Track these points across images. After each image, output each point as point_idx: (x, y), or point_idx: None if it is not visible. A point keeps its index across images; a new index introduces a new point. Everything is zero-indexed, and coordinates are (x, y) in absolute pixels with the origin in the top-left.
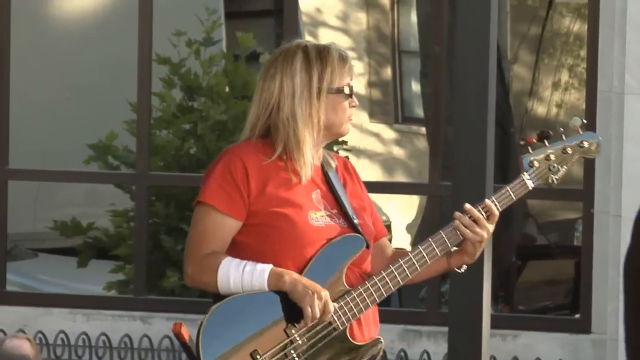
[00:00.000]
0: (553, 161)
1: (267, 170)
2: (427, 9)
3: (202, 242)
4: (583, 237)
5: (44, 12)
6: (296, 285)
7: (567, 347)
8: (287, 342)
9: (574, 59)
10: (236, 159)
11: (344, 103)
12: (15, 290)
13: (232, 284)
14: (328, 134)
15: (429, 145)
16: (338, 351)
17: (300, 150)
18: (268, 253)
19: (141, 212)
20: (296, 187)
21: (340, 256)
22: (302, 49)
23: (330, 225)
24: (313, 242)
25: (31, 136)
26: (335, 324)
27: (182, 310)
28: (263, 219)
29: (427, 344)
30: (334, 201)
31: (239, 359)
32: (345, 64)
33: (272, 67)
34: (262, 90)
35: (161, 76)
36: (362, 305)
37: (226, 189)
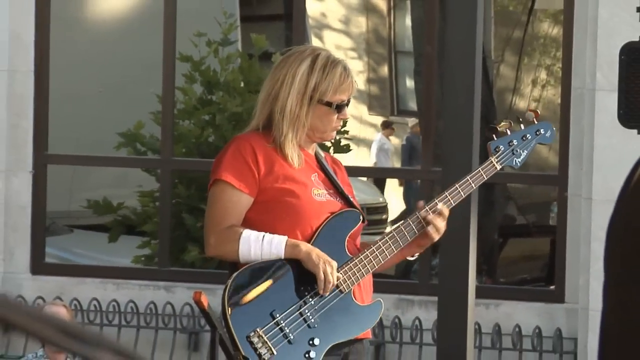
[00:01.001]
0: (515, 146)
1: (271, 154)
2: (420, 14)
3: (222, 217)
4: (558, 218)
5: (79, 16)
6: (310, 254)
7: (543, 315)
8: (301, 302)
9: (550, 59)
10: (245, 143)
11: (332, 116)
12: (53, 262)
13: (253, 253)
14: (312, 135)
15: (421, 136)
16: (344, 311)
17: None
18: (277, 227)
19: (165, 193)
20: (296, 169)
21: (342, 228)
22: (313, 56)
23: (331, 200)
24: (318, 215)
25: (67, 125)
26: (342, 287)
27: (201, 280)
28: (272, 195)
29: (418, 311)
30: (329, 183)
31: (260, 316)
32: (344, 81)
33: (284, 61)
34: (270, 78)
35: (184, 72)
36: (363, 271)
37: (239, 168)
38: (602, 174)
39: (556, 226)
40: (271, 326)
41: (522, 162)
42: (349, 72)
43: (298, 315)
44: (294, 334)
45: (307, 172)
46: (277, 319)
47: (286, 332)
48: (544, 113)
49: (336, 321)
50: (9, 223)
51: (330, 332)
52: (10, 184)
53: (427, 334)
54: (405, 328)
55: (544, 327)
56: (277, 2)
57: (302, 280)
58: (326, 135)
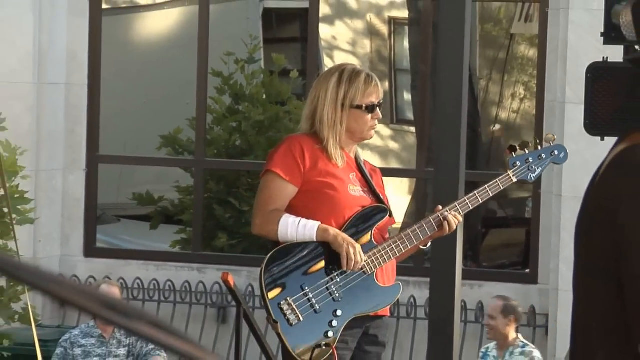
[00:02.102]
0: (531, 163)
1: (318, 153)
2: (416, 38)
3: (269, 201)
4: (532, 212)
5: (127, 39)
6: (337, 238)
7: (519, 294)
8: (328, 279)
9: (527, 76)
10: (296, 142)
11: (366, 117)
12: (103, 247)
13: (289, 234)
14: (352, 137)
15: (416, 140)
16: (366, 289)
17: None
18: (316, 213)
19: (198, 188)
20: (338, 168)
21: (370, 220)
22: (340, 71)
23: (364, 196)
24: (351, 206)
25: (116, 130)
26: (365, 269)
27: (228, 263)
28: (314, 186)
29: (413, 290)
30: (365, 182)
31: (292, 287)
32: (369, 85)
33: (318, 80)
34: (309, 96)
35: (215, 86)
36: (385, 257)
37: (288, 163)
38: (570, 175)
39: (531, 218)
40: (300, 297)
41: (536, 178)
42: (373, 77)
43: (325, 290)
44: (320, 305)
45: (346, 171)
46: (305, 291)
47: (313, 302)
48: (521, 123)
49: (358, 297)
50: (65, 214)
51: (353, 306)
52: (66, 181)
53: (420, 310)
54: (402, 305)
55: (521, 305)
56: (294, 26)
57: (331, 260)
58: (365, 134)
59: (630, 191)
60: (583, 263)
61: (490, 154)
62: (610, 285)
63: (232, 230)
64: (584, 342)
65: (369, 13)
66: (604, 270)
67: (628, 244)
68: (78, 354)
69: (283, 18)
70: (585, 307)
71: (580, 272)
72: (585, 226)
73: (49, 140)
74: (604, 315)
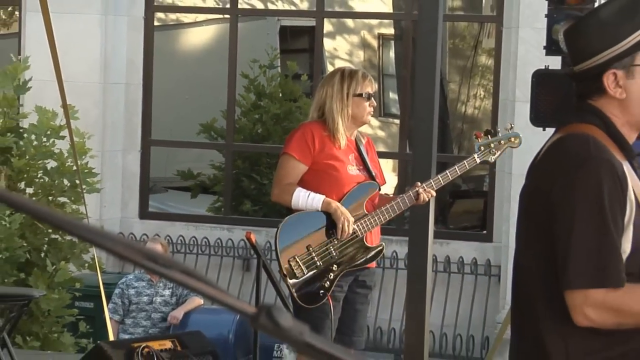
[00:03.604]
0: (492, 148)
1: (325, 138)
2: (400, 49)
3: (285, 177)
4: (489, 185)
5: (173, 47)
6: (337, 210)
7: (478, 251)
8: (328, 241)
9: (485, 80)
10: (307, 129)
11: (365, 103)
12: (154, 211)
13: (300, 203)
14: (355, 121)
15: (399, 130)
16: (357, 249)
17: (337, 129)
18: (321, 188)
19: (228, 166)
20: (340, 150)
21: (363, 193)
22: (341, 71)
23: (359, 175)
24: (349, 183)
25: (164, 120)
26: (357, 232)
27: (252, 224)
28: (321, 167)
29: (396, 247)
30: (361, 162)
31: (299, 247)
32: (365, 80)
33: (324, 80)
34: (318, 92)
35: (243, 85)
36: (373, 223)
37: (301, 146)
38: (519, 157)
39: (487, 191)
40: (305, 254)
41: (495, 159)
42: (367, 73)
43: (325, 250)
44: (321, 261)
45: (347, 152)
46: (309, 251)
47: (315, 260)
48: (481, 117)
49: (351, 255)
50: (124, 184)
51: (346, 261)
52: (125, 159)
53: (401, 262)
54: (387, 258)
55: (479, 258)
56: (304, 40)
57: (331, 227)
58: (364, 118)
59: (562, 173)
60: (525, 226)
61: (456, 141)
62: (544, 243)
63: (254, 199)
64: (524, 288)
65: (363, 30)
66: (539, 232)
67: (556, 215)
68: (132, 294)
69: (295, 33)
70: (523, 258)
71: (523, 232)
72: (526, 200)
73: (111, 128)
74: (538, 265)
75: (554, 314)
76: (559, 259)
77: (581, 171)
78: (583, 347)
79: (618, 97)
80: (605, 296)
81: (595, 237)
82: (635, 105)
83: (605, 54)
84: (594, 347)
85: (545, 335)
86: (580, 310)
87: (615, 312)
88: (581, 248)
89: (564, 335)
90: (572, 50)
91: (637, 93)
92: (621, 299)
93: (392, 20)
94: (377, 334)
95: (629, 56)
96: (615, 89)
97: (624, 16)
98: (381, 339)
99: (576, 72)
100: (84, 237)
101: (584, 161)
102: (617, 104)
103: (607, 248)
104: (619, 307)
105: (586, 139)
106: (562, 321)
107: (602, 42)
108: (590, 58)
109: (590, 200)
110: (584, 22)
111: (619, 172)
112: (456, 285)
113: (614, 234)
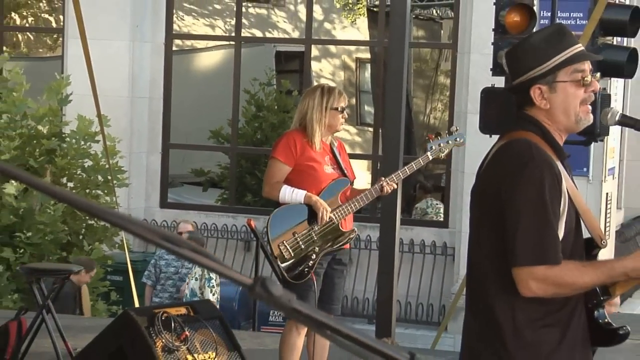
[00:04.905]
0: (442, 147)
1: (305, 144)
2: (375, 70)
3: (273, 177)
4: (445, 182)
5: (188, 68)
6: (317, 202)
7: (437, 235)
8: (310, 228)
9: (443, 96)
10: (290, 137)
11: (339, 115)
12: (172, 202)
13: (286, 198)
14: (330, 129)
15: (372, 136)
16: (334, 234)
17: (314, 135)
18: (303, 184)
19: (233, 165)
20: (317, 153)
21: (338, 188)
22: (321, 87)
23: (334, 173)
24: (325, 180)
25: (181, 127)
26: (334, 220)
27: (252, 213)
28: (302, 167)
29: (370, 231)
30: (335, 162)
31: (287, 235)
32: (340, 96)
33: (306, 93)
34: (301, 103)
35: (246, 99)
36: (346, 212)
37: (286, 151)
38: (470, 159)
39: (444, 186)
40: (292, 240)
41: (444, 156)
42: (342, 91)
43: (308, 235)
44: (304, 245)
45: (323, 155)
46: (295, 237)
47: (300, 244)
48: (440, 126)
49: (329, 238)
50: (148, 180)
51: (325, 244)
52: (149, 159)
53: (374, 244)
54: (362, 241)
55: (437, 241)
56: (295, 62)
57: (312, 216)
58: (337, 127)
59: (509, 173)
60: (477, 217)
61: (419, 145)
62: (495, 231)
63: (254, 192)
64: (477, 268)
65: (343, 54)
66: (491, 221)
67: (505, 207)
68: (162, 264)
69: (288, 57)
70: (477, 244)
71: (476, 222)
72: (478, 195)
73: (137, 133)
74: (489, 249)
75: (503, 289)
76: (508, 242)
77: (525, 170)
78: (527, 316)
79: (543, 108)
80: (545, 271)
81: (538, 224)
82: (558, 114)
83: (533, 72)
84: (536, 315)
85: (496, 307)
86: (525, 284)
87: (554, 284)
88: (526, 233)
89: (512, 306)
90: (510, 69)
91: (558, 104)
92: (559, 273)
93: (367, 46)
94: (354, 302)
95: (552, 74)
96: (540, 101)
97: (549, 42)
98: (357, 307)
99: (513, 86)
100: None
101: (527, 162)
102: (545, 113)
103: (547, 232)
104: (557, 280)
105: (527, 144)
106: (510, 295)
107: (532, 63)
108: (523, 75)
109: (533, 195)
110: (519, 46)
111: (555, 171)
112: (418, 263)
113: (553, 221)
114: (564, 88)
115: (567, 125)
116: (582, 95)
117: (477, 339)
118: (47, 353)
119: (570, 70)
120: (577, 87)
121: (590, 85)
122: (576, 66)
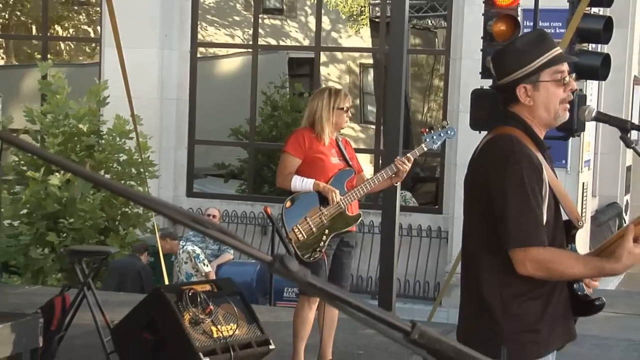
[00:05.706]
0: (435, 139)
1: (312, 139)
2: (376, 75)
3: (285, 169)
4: (439, 173)
5: (211, 72)
6: (325, 188)
7: (432, 220)
8: (320, 213)
9: (438, 97)
10: (300, 133)
11: (344, 115)
12: (198, 191)
13: (297, 186)
14: (336, 127)
15: (375, 132)
16: (341, 218)
17: (323, 131)
18: (313, 174)
19: (251, 159)
20: (324, 147)
21: (344, 177)
22: (329, 89)
23: (340, 163)
24: (332, 169)
25: (205, 125)
26: (341, 205)
27: (268, 201)
28: (311, 159)
29: (373, 217)
30: (341, 155)
31: (300, 221)
32: (346, 97)
33: (315, 94)
34: (310, 103)
35: (263, 100)
36: (352, 198)
37: (296, 146)
38: (461, 152)
39: (438, 177)
40: (305, 224)
41: (438, 148)
42: (347, 93)
43: (319, 220)
44: (315, 228)
45: (329, 148)
46: (308, 222)
47: (311, 226)
48: (435, 123)
49: (337, 222)
50: (176, 172)
51: (334, 227)
52: (177, 154)
53: (376, 229)
54: (367, 225)
55: (432, 226)
56: (306, 67)
57: (322, 201)
58: (343, 125)
59: (494, 165)
60: (470, 204)
61: (416, 141)
62: (486, 217)
63: (270, 183)
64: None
65: (348, 60)
66: (482, 208)
67: (493, 196)
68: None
69: (299, 63)
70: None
71: (468, 209)
72: (469, 185)
73: (166, 131)
74: (481, 234)
75: (492, 268)
76: (501, 228)
77: (508, 163)
78: (514, 292)
79: (527, 105)
80: (538, 255)
81: (524, 210)
82: (540, 111)
83: (518, 72)
84: (521, 290)
85: (486, 285)
86: (522, 263)
87: (545, 268)
88: (516, 219)
89: (500, 284)
90: (496, 70)
91: (541, 101)
92: (552, 259)
93: (370, 53)
94: (358, 280)
95: (536, 74)
96: (525, 98)
97: (533, 45)
98: (362, 284)
99: (499, 86)
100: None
101: (509, 155)
102: (528, 110)
103: (533, 217)
104: (548, 264)
105: (510, 139)
106: (498, 273)
107: (517, 64)
108: (508, 75)
109: (517, 184)
110: (505, 49)
111: (535, 162)
112: (416, 246)
113: (535, 207)
114: (546, 87)
115: (547, 120)
116: (561, 94)
117: (471, 316)
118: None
119: (552, 71)
120: (557, 86)
121: (569, 84)
122: (557, 67)
